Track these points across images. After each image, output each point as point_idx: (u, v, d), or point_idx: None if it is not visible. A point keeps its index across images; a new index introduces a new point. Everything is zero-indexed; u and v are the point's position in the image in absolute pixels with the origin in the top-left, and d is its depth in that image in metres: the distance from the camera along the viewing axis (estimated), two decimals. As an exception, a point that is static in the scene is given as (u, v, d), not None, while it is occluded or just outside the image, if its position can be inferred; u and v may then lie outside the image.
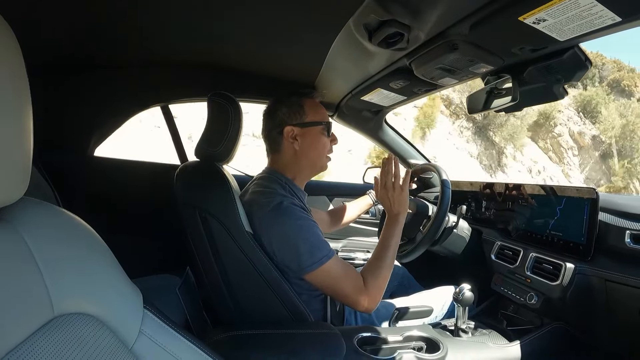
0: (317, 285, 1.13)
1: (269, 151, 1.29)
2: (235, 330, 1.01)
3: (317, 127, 1.25)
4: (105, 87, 1.72)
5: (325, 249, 1.10)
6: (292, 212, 1.12)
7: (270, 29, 1.25)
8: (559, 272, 1.25)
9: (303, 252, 1.08)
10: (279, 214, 1.11)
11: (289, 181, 1.24)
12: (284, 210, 1.11)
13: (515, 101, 1.18)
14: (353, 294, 1.11)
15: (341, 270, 1.12)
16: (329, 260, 1.09)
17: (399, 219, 1.27)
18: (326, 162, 1.31)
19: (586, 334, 1.31)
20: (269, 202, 1.13)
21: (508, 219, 1.61)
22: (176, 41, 1.44)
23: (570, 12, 0.81)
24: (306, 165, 1.26)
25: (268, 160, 1.30)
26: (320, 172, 1.33)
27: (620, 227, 1.19)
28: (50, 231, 0.53)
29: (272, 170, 1.26)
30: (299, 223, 1.11)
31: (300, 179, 1.28)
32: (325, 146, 1.28)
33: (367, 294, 1.12)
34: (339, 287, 1.12)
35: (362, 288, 1.12)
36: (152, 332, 0.60)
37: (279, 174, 1.24)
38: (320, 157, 1.28)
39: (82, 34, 1.33)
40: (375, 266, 1.17)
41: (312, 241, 1.09)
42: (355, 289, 1.11)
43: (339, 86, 1.72)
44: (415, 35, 1.05)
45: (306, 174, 1.29)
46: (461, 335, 1.28)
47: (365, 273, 1.16)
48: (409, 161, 2.25)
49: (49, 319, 0.47)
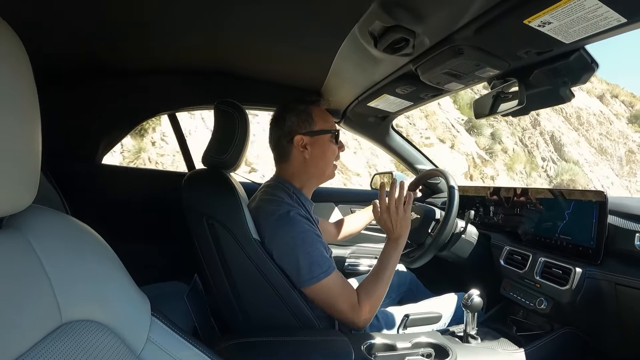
0: (313, 299, 1.14)
1: (277, 160, 1.29)
2: (243, 338, 1.01)
3: (326, 135, 1.25)
4: (112, 95, 1.73)
5: (325, 264, 1.11)
6: (298, 223, 1.12)
7: (276, 36, 1.26)
8: (568, 276, 1.23)
9: (302, 265, 1.09)
10: (284, 224, 1.12)
11: (297, 190, 1.24)
12: (290, 220, 1.12)
13: (522, 105, 1.17)
14: (347, 311, 1.13)
15: (338, 288, 1.13)
16: (326, 277, 1.10)
17: (400, 242, 1.25)
18: (333, 170, 1.31)
19: (597, 339, 1.29)
20: (276, 210, 1.14)
21: (516, 223, 1.59)
22: (183, 49, 1.46)
23: (576, 14, 0.80)
24: (314, 174, 1.27)
25: (276, 169, 1.31)
26: (328, 180, 1.33)
27: (630, 229, 1.17)
28: (59, 239, 0.53)
29: (280, 178, 1.27)
30: (302, 236, 1.11)
31: (307, 187, 1.28)
32: (333, 154, 1.28)
33: (360, 312, 1.13)
34: (333, 304, 1.13)
35: (356, 306, 1.13)
36: (160, 339, 0.61)
37: (287, 183, 1.25)
38: (328, 165, 1.28)
39: (89, 41, 1.34)
40: (372, 284, 1.18)
41: (312, 256, 1.10)
42: (350, 307, 1.13)
43: (345, 92, 1.72)
44: (420, 41, 1.05)
45: (314, 183, 1.30)
46: (470, 342, 1.26)
47: (360, 291, 1.17)
48: (416, 167, 2.24)
49: (57, 325, 0.48)
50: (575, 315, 1.28)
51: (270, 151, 1.32)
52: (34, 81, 0.47)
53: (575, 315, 1.28)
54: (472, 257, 1.61)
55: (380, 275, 1.20)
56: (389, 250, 1.24)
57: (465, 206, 1.48)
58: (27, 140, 0.46)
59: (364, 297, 1.15)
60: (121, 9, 1.11)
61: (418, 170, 2.23)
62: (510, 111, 1.23)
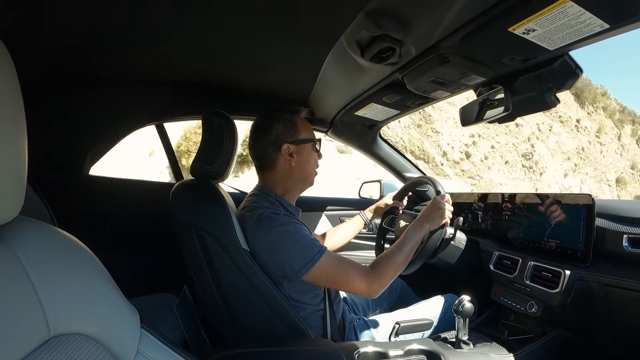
0: (318, 282, 1.15)
1: (260, 168, 1.29)
2: (234, 349, 0.99)
3: (310, 144, 1.28)
4: (99, 106, 1.71)
5: (315, 246, 1.11)
6: (275, 219, 1.13)
7: (263, 46, 1.27)
8: (558, 279, 1.24)
9: (294, 255, 1.09)
10: (262, 225, 1.12)
11: (279, 197, 1.25)
12: (266, 219, 1.13)
13: (508, 111, 1.19)
14: (356, 278, 1.12)
15: (337, 262, 1.13)
16: (321, 256, 1.10)
17: (424, 226, 1.30)
18: (314, 178, 1.34)
19: (588, 340, 1.30)
20: (253, 215, 1.15)
21: (505, 228, 1.61)
22: (170, 59, 1.45)
23: (559, 21, 0.82)
24: (299, 181, 1.28)
25: (259, 178, 1.31)
26: (309, 188, 1.35)
27: (617, 231, 1.19)
28: (46, 251, 0.53)
29: (264, 187, 1.27)
30: (284, 229, 1.11)
31: (291, 194, 1.29)
32: (315, 162, 1.31)
33: (372, 276, 1.13)
34: (339, 278, 1.13)
35: (366, 271, 1.14)
36: (150, 351, 0.60)
37: (271, 191, 1.25)
38: (312, 172, 1.31)
39: (76, 53, 1.33)
40: (391, 254, 1.19)
41: (300, 243, 1.10)
42: (358, 274, 1.13)
43: (332, 102, 1.74)
44: (406, 50, 1.07)
45: (298, 190, 1.31)
46: (462, 347, 1.26)
47: (379, 258, 1.19)
48: (404, 175, 2.26)
49: (45, 339, 0.47)
50: (566, 318, 1.29)
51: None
52: (20, 93, 0.47)
53: (566, 318, 1.29)
54: (462, 263, 1.61)
55: (402, 246, 1.22)
56: (415, 228, 1.28)
57: (454, 213, 1.49)
58: (13, 152, 0.45)
59: (381, 263, 1.17)
60: (107, 19, 1.10)
61: (406, 178, 2.24)
62: (497, 118, 1.25)
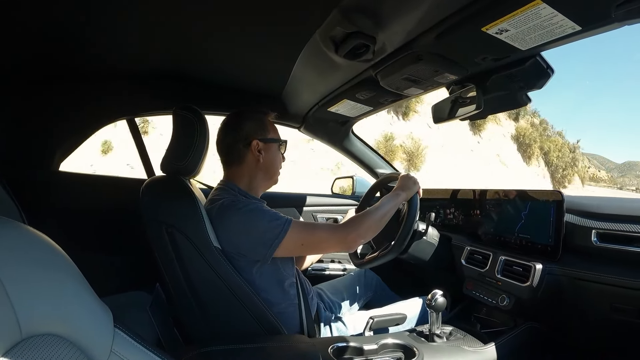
0: (295, 252, 1.19)
1: (227, 163, 1.30)
2: (207, 347, 0.98)
3: (276, 143, 1.31)
4: (69, 100, 1.67)
5: (281, 217, 1.14)
6: (236, 203, 1.16)
7: (236, 41, 1.25)
8: (529, 273, 1.28)
9: (262, 230, 1.11)
10: (225, 210, 1.14)
11: (243, 192, 1.25)
12: (228, 205, 1.15)
13: (480, 109, 1.21)
14: (329, 234, 1.17)
15: (306, 226, 1.18)
16: (290, 225, 1.12)
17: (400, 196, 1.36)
18: (278, 177, 1.37)
19: (559, 332, 1.34)
20: (214, 206, 1.17)
21: (476, 224, 1.64)
22: (141, 53, 1.42)
23: (532, 23, 0.84)
24: (263, 177, 1.31)
25: (225, 173, 1.31)
26: (273, 186, 1.38)
27: (586, 226, 1.23)
28: (15, 249, 0.51)
29: (229, 181, 1.28)
30: (248, 208, 1.14)
31: (255, 190, 1.30)
32: (280, 162, 1.35)
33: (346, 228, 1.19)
34: (313, 239, 1.17)
35: (337, 226, 1.19)
36: (124, 351, 0.60)
37: (234, 185, 1.26)
38: (277, 171, 1.35)
39: (43, 46, 1.29)
40: (367, 211, 1.25)
41: (266, 218, 1.13)
42: (329, 230, 1.18)
43: (305, 98, 1.74)
44: (380, 47, 1.07)
45: (262, 186, 1.33)
46: (436, 340, 1.28)
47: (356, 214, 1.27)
48: (376, 171, 2.28)
49: (17, 341, 0.46)
50: (537, 311, 1.33)
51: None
52: None
53: (537, 311, 1.33)
54: (434, 258, 1.64)
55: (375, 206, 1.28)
56: (389, 196, 1.35)
57: (426, 209, 1.51)
58: None
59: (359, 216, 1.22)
60: (76, 14, 1.07)
61: (378, 174, 2.27)
62: (469, 115, 1.27)
